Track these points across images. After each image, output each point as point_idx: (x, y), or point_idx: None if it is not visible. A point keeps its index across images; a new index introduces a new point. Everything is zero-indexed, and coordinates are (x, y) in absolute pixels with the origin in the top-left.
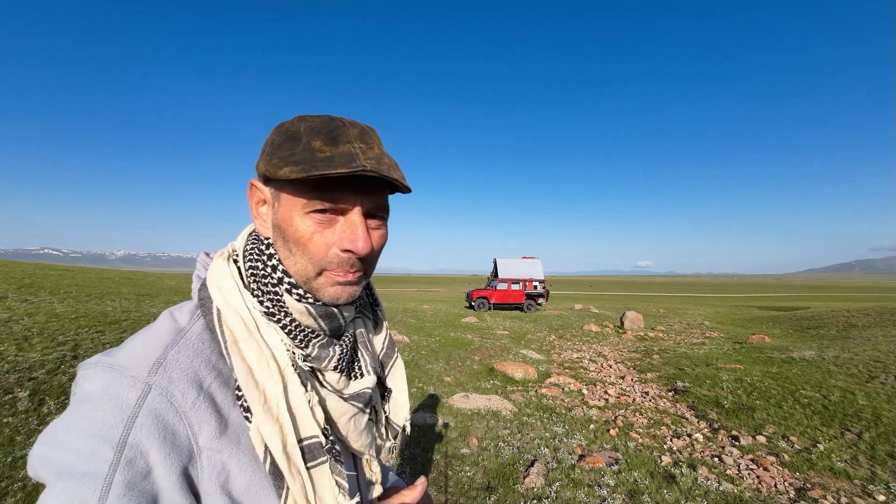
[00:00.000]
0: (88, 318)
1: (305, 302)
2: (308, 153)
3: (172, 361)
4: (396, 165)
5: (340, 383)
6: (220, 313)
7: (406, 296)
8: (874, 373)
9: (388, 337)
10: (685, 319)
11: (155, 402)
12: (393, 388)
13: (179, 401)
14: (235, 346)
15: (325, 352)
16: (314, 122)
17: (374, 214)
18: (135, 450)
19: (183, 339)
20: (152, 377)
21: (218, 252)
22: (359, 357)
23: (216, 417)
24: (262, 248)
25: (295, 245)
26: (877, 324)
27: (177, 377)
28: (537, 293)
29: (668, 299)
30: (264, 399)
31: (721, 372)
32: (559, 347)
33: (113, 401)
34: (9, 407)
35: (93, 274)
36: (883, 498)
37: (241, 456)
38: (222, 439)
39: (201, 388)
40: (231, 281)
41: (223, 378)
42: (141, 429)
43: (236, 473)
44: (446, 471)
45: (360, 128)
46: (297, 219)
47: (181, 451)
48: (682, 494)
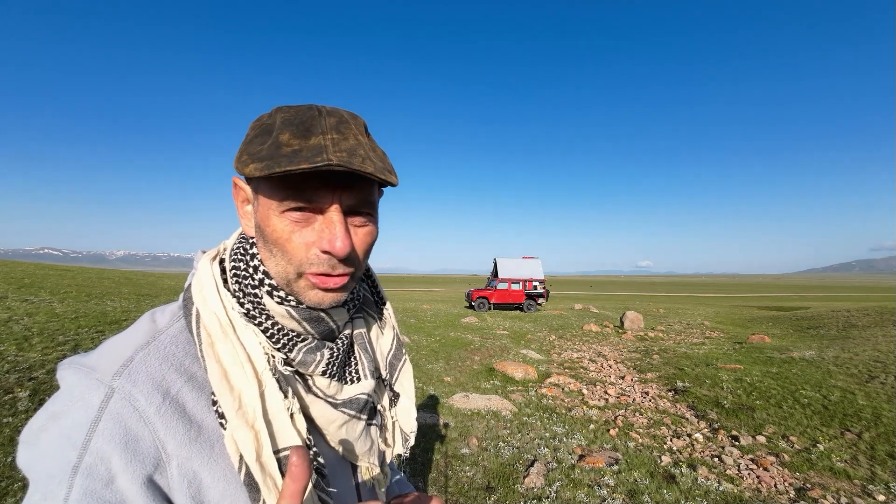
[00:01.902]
0: (88, 318)
1: (287, 305)
2: (274, 148)
3: (139, 364)
4: (382, 156)
5: (332, 388)
6: (198, 314)
7: (406, 296)
8: (874, 373)
9: (396, 338)
10: (685, 319)
11: (117, 406)
12: (401, 393)
13: (143, 406)
14: (211, 349)
15: (313, 356)
16: (289, 112)
17: (358, 211)
18: (95, 455)
19: (155, 341)
20: (116, 380)
21: (208, 251)
22: (355, 360)
23: (185, 424)
24: (247, 248)
25: (274, 245)
26: (877, 324)
27: (141, 381)
28: (537, 293)
29: (668, 299)
30: (239, 404)
31: (721, 372)
32: (559, 347)
33: (79, 403)
34: (9, 407)
35: (93, 274)
36: (883, 498)
37: (214, 464)
38: (194, 446)
39: (168, 393)
40: (210, 281)
41: (196, 382)
42: (102, 434)
43: (209, 483)
44: (446, 471)
45: (338, 117)
46: (274, 218)
47: (145, 458)
48: (682, 494)
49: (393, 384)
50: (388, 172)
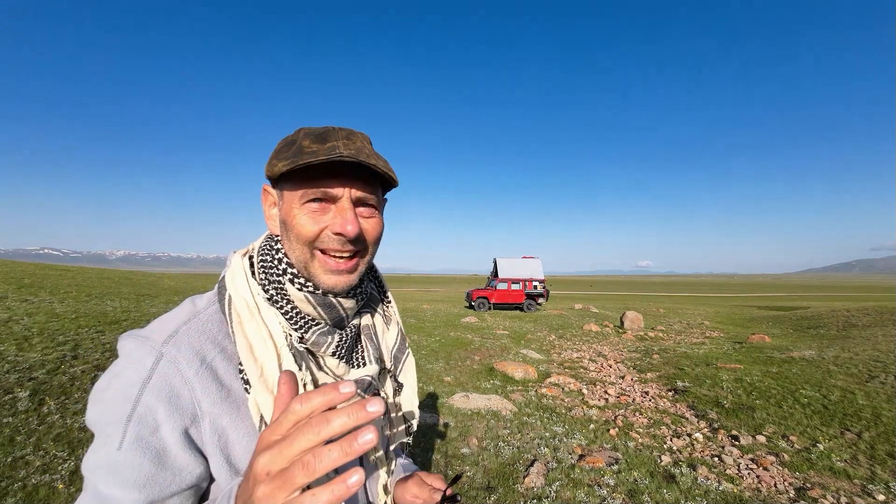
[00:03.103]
0: (88, 318)
1: (306, 290)
2: (297, 150)
3: (183, 335)
4: (383, 161)
5: (340, 369)
6: (230, 299)
7: (406, 296)
8: (874, 372)
9: (400, 333)
10: (685, 319)
11: (165, 367)
12: (404, 383)
13: (185, 368)
14: (240, 327)
15: (325, 338)
16: (310, 129)
17: (365, 203)
18: (145, 407)
19: (196, 318)
20: (165, 347)
21: (239, 250)
22: (361, 347)
23: (217, 386)
24: (273, 245)
25: (293, 232)
26: (877, 323)
27: (184, 348)
28: (537, 293)
29: (668, 299)
30: (261, 372)
31: (721, 372)
32: (559, 347)
33: (136, 364)
34: (9, 407)
35: (93, 274)
36: (883, 498)
37: (240, 422)
38: (224, 406)
39: (205, 360)
40: (241, 272)
41: (227, 354)
42: (152, 390)
43: (235, 439)
44: (446, 471)
45: (349, 130)
46: (296, 210)
47: (184, 412)
48: (682, 494)
49: (397, 375)
50: (389, 170)
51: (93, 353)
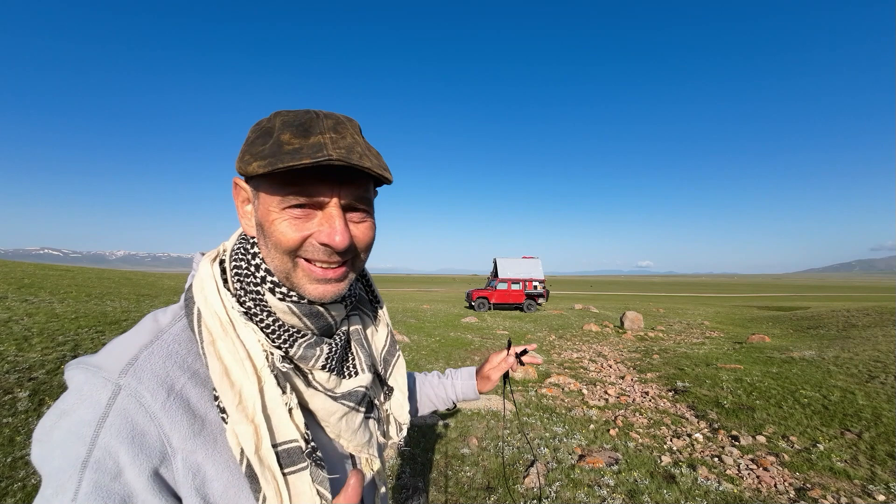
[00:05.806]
0: (88, 318)
1: (289, 300)
2: (276, 147)
3: (144, 362)
4: (377, 155)
5: (331, 382)
6: (199, 314)
7: (406, 296)
8: (874, 373)
9: (390, 335)
10: (685, 319)
11: (124, 402)
12: (395, 387)
13: (149, 402)
14: (212, 347)
15: (312, 351)
16: (288, 116)
17: (356, 207)
18: (103, 450)
19: (159, 340)
20: (122, 378)
21: (207, 253)
22: (352, 355)
23: (190, 418)
24: (248, 248)
25: (271, 239)
26: (877, 324)
27: (146, 378)
28: (537, 293)
29: (669, 299)
30: (239, 399)
31: (721, 372)
32: (559, 347)
33: (87, 401)
34: (9, 407)
35: (93, 274)
36: (883, 498)
37: (217, 457)
38: (198, 440)
39: (172, 389)
40: (211, 281)
41: (199, 378)
42: (110, 430)
43: (213, 475)
44: (446, 471)
45: (335, 119)
46: (275, 215)
47: (151, 452)
48: (682, 494)
49: (387, 379)
50: (383, 169)
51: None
